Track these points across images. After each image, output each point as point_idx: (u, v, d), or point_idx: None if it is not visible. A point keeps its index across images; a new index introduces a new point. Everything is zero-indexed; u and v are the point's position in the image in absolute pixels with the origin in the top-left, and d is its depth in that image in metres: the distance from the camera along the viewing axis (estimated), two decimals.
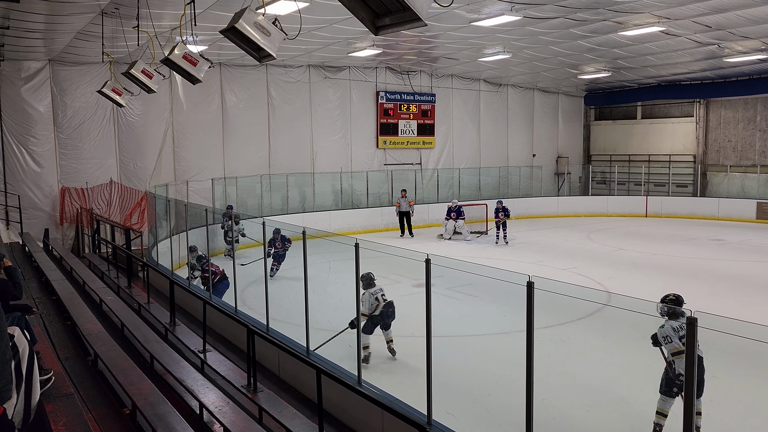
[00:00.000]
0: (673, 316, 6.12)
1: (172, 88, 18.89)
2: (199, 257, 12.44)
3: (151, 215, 15.50)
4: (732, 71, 23.81)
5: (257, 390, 6.89)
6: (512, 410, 6.63)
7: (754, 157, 25.90)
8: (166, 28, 12.79)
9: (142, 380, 6.29)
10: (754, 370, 8.37)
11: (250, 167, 20.79)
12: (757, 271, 15.22)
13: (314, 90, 22.22)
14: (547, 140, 30.00)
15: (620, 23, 16.00)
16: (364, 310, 8.60)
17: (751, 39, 17.87)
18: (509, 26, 16.02)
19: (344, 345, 8.45)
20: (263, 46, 7.09)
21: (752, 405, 7.52)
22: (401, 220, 21.33)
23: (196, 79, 9.30)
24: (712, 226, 23.35)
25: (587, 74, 24.93)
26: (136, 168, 18.59)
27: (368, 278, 8.91)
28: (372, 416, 6.32)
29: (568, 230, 22.39)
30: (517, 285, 5.02)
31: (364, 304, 8.62)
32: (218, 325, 9.91)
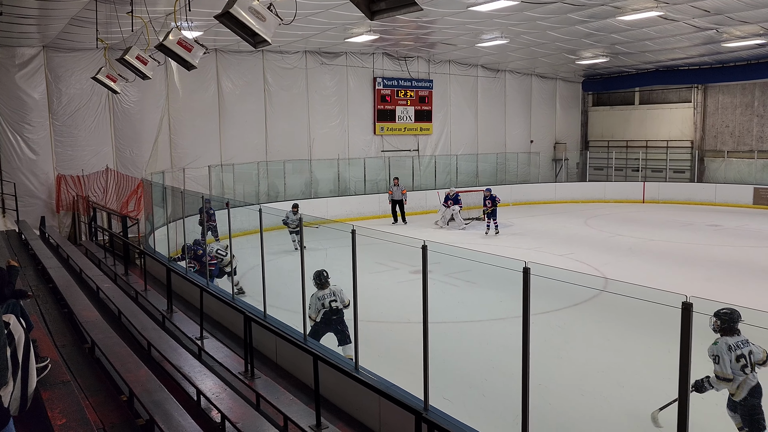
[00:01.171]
0: (728, 332, 5.45)
1: (167, 74, 18.77)
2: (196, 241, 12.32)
3: (148, 203, 15.46)
4: (730, 56, 23.72)
5: (255, 376, 6.91)
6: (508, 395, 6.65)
7: (751, 143, 25.88)
8: (160, 14, 12.65)
9: (139, 367, 6.30)
10: None
11: (247, 154, 20.72)
12: (754, 256, 15.27)
13: (311, 76, 22.09)
14: (545, 126, 29.93)
15: (618, 8, 15.90)
16: (310, 313, 7.93)
17: (750, 24, 17.78)
18: (507, 11, 15.91)
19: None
20: (258, 31, 7.03)
21: None
22: (393, 207, 21.22)
23: (191, 65, 9.23)
24: (709, 211, 23.38)
25: (585, 60, 24.82)
26: (133, 155, 18.51)
27: (320, 277, 7.96)
28: (369, 402, 6.35)
29: (566, 216, 22.40)
30: (514, 271, 5.02)
31: (310, 307, 7.91)
32: (216, 312, 9.92)
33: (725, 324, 5.47)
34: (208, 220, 13.57)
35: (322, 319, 7.99)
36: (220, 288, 10.65)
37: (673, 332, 3.88)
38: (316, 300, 7.95)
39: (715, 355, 5.44)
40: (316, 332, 7.95)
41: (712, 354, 5.46)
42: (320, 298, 7.97)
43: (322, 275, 8.00)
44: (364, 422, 6.53)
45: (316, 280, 7.97)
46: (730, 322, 5.46)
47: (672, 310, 3.91)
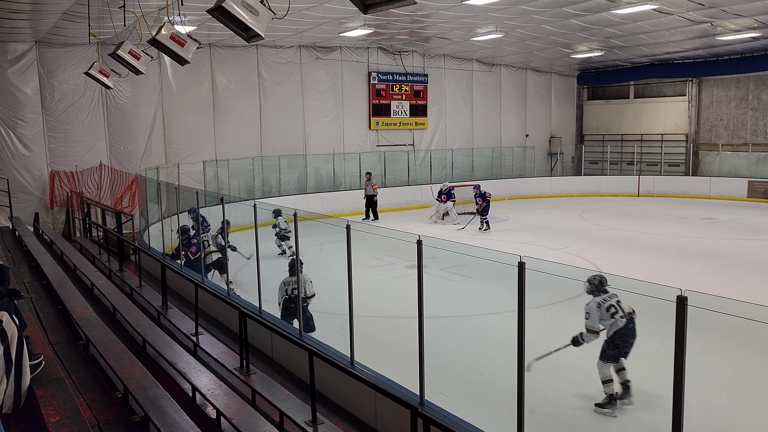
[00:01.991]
0: (597, 293, 6.69)
1: (161, 69, 18.68)
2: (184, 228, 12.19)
3: (142, 198, 15.40)
4: (724, 50, 23.73)
5: (250, 372, 6.90)
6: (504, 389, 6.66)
7: (745, 136, 25.94)
8: (153, 8, 12.57)
9: (134, 364, 6.28)
10: (744, 348, 8.44)
11: (242, 149, 20.65)
12: (749, 249, 15.31)
13: (306, 71, 22.02)
14: (540, 120, 29.93)
15: (613, 1, 15.88)
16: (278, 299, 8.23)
17: (744, 17, 17.78)
18: (502, 5, 15.88)
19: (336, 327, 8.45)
20: (251, 25, 7.00)
21: (740, 382, 7.59)
22: (367, 204, 20.75)
23: (184, 60, 9.18)
24: (704, 204, 23.44)
25: (580, 53, 24.80)
26: (127, 151, 18.44)
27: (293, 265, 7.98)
28: (365, 397, 6.35)
29: (561, 210, 22.43)
30: (509, 265, 5.01)
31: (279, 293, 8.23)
32: (211, 308, 9.90)
33: (594, 288, 6.71)
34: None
35: (283, 306, 8.29)
36: (215, 284, 10.62)
37: (669, 325, 3.88)
38: (282, 285, 8.28)
39: (587, 312, 6.70)
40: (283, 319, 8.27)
41: (585, 311, 6.70)
42: (285, 283, 8.28)
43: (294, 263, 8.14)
44: (360, 417, 6.53)
45: (290, 267, 8.20)
46: (599, 285, 6.76)
47: (667, 303, 3.92)
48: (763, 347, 8.30)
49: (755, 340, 8.30)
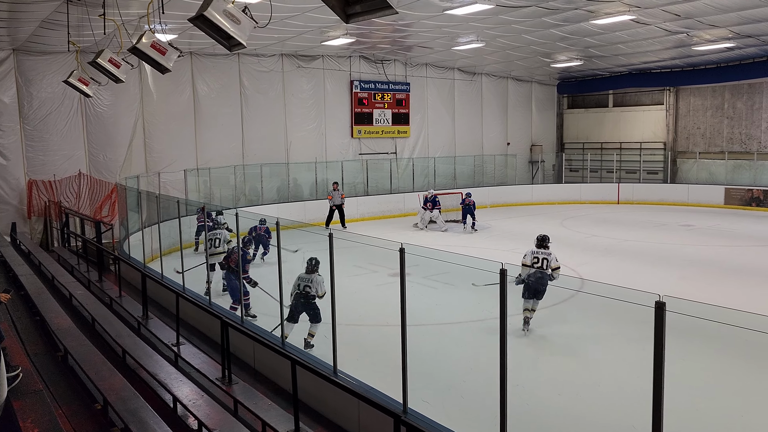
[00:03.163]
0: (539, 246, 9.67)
1: (141, 77, 18.55)
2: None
3: (122, 207, 15.25)
4: (701, 59, 24.18)
5: (232, 382, 6.85)
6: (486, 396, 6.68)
7: (722, 144, 26.40)
8: (133, 17, 12.53)
9: (113, 375, 6.21)
10: (722, 352, 8.56)
11: (224, 158, 20.55)
12: (726, 255, 15.55)
13: (287, 79, 22.01)
14: (521, 129, 30.19)
15: (591, 12, 16.11)
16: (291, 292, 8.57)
17: (719, 27, 18.14)
18: (482, 15, 16.02)
19: (320, 335, 8.43)
20: (233, 34, 6.99)
21: (718, 385, 7.69)
22: (331, 213, 20.42)
23: (165, 69, 9.14)
24: (682, 211, 23.78)
25: (560, 63, 25.11)
26: (106, 159, 18.25)
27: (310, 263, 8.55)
28: (348, 406, 6.33)
29: (543, 218, 22.60)
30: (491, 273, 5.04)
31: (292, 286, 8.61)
32: (192, 318, 9.81)
33: (537, 243, 9.71)
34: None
35: (293, 300, 8.46)
36: (195, 293, 10.53)
37: (648, 330, 3.93)
38: (296, 280, 8.50)
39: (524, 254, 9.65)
40: (291, 314, 8.45)
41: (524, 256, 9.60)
42: (300, 279, 8.50)
43: (311, 261, 8.55)
44: (343, 426, 6.51)
45: (307, 264, 8.55)
46: (542, 241, 9.71)
47: (646, 309, 3.97)
48: (740, 351, 8.43)
49: (733, 344, 8.43)
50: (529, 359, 8.38)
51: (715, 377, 7.95)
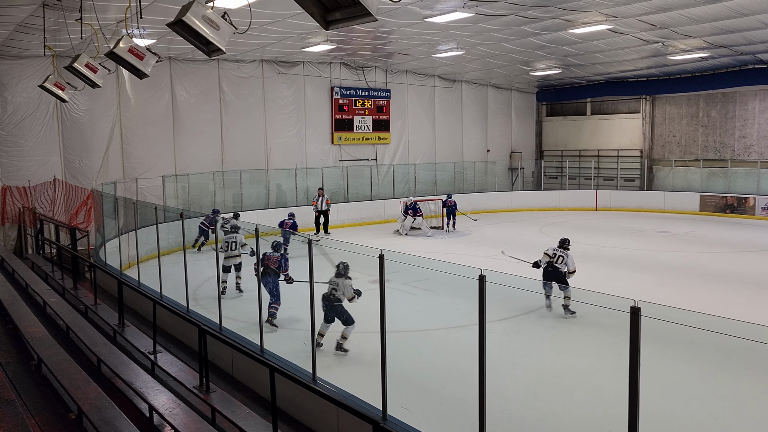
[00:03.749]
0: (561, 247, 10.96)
1: (119, 82, 18.35)
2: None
3: (99, 214, 15.06)
4: (676, 69, 24.62)
5: (210, 390, 6.77)
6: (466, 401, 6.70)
7: (697, 152, 26.86)
8: (111, 21, 12.40)
9: (88, 384, 6.11)
10: (696, 356, 8.68)
11: (203, 164, 20.39)
12: (702, 261, 15.79)
13: (268, 85, 21.94)
14: (501, 136, 30.42)
15: (569, 21, 16.33)
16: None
17: (694, 38, 18.49)
18: (462, 23, 16.15)
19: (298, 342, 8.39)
20: (212, 40, 6.95)
21: (692, 389, 7.79)
22: (318, 219, 20.59)
23: (143, 74, 9.06)
24: (659, 218, 24.12)
25: (539, 71, 25.38)
26: (82, 165, 17.99)
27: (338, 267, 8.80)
28: (327, 413, 6.29)
29: (522, 224, 22.77)
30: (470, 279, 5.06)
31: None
32: (169, 326, 9.70)
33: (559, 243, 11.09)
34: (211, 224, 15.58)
35: (323, 303, 8.63)
36: (172, 300, 10.41)
37: (624, 335, 3.98)
38: (329, 283, 8.70)
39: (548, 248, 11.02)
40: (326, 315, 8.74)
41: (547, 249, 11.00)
42: (330, 283, 8.69)
43: (341, 266, 8.74)
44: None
45: (336, 268, 8.74)
46: (563, 243, 11.11)
47: (622, 314, 4.02)
48: (714, 355, 8.55)
49: (707, 348, 8.55)
50: (508, 365, 8.42)
51: (689, 381, 8.05)
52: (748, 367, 8.22)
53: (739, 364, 8.33)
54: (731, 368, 8.30)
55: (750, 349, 7.75)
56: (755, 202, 23.73)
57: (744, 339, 4.13)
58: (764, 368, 8.08)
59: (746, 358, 8.29)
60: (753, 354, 7.99)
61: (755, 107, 24.86)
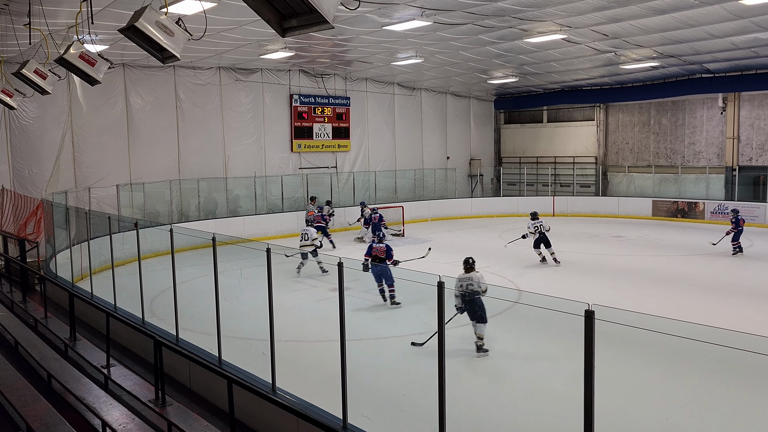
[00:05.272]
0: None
1: (70, 89, 17.87)
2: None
3: (49, 224, 14.59)
4: (628, 77, 25.35)
5: (166, 404, 6.62)
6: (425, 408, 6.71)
7: (649, 158, 27.67)
8: (61, 27, 12.08)
9: (37, 401, 5.91)
10: (649, 358, 8.90)
11: (159, 172, 20.00)
12: (654, 264, 16.24)
13: (225, 93, 21.70)
14: (460, 143, 30.76)
15: (525, 30, 16.65)
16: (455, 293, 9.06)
17: (644, 47, 19.09)
18: (420, 31, 16.30)
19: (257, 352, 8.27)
20: (166, 46, 6.84)
21: (645, 390, 7.98)
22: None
23: (94, 80, 8.84)
24: (613, 223, 24.73)
25: (496, 79, 25.78)
26: (32, 174, 17.42)
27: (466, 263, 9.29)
28: (287, 423, 6.22)
29: (482, 231, 23.03)
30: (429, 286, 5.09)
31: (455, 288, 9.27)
32: (124, 338, 9.45)
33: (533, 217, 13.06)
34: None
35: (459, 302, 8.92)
36: (127, 312, 10.15)
37: (580, 339, 4.04)
38: (456, 282, 9.02)
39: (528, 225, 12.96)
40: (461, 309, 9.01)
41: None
42: (460, 280, 9.04)
43: (469, 261, 9.31)
44: None
45: (464, 264, 9.26)
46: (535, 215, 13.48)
47: (577, 318, 4.08)
48: (666, 356, 8.79)
49: (659, 350, 8.79)
50: (467, 371, 8.48)
51: (642, 382, 8.24)
52: (699, 367, 8.47)
53: (691, 364, 8.58)
54: (683, 369, 8.53)
55: (701, 350, 8.01)
56: (704, 207, 24.55)
57: (694, 340, 4.26)
58: (714, 368, 8.34)
59: (697, 359, 8.55)
60: (704, 354, 8.26)
61: (703, 115, 25.77)
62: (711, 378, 8.24)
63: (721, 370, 8.30)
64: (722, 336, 4.60)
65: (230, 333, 8.56)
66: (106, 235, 11.73)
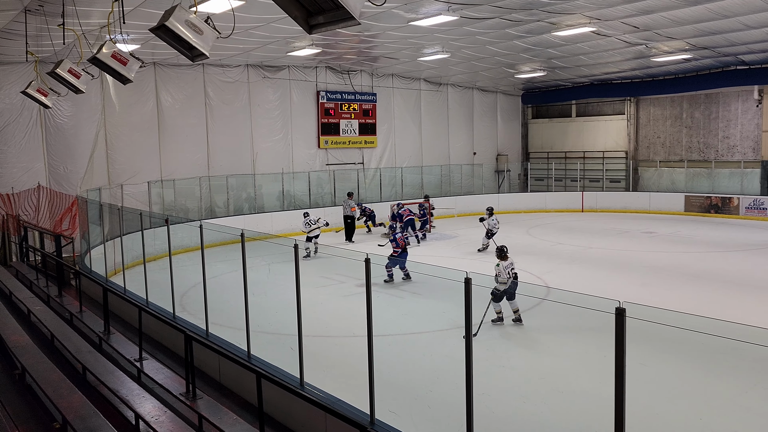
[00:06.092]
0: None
1: (103, 88, 18.23)
2: None
3: (84, 221, 14.91)
4: (659, 70, 24.86)
5: (196, 397, 6.73)
6: (453, 405, 6.71)
7: (681, 153, 27.13)
8: (94, 27, 12.33)
9: (72, 393, 6.05)
10: (680, 356, 8.75)
11: (189, 169, 20.29)
12: (686, 261, 15.93)
13: (253, 90, 21.89)
14: (487, 138, 30.55)
15: (553, 24, 16.44)
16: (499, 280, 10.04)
17: (676, 39, 18.69)
18: (447, 26, 16.22)
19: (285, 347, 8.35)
20: (195, 44, 6.92)
21: (677, 389, 7.85)
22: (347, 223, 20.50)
23: (126, 79, 9.00)
24: (644, 219, 24.31)
25: (524, 74, 25.53)
26: (67, 172, 17.83)
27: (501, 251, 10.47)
28: (315, 418, 6.27)
29: (509, 226, 22.82)
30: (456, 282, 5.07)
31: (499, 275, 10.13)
32: (156, 332, 9.62)
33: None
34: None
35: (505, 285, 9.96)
36: (159, 306, 10.34)
37: (610, 336, 3.99)
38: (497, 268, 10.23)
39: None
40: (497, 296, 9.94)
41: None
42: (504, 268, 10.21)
43: (503, 249, 10.56)
44: None
45: (501, 252, 10.47)
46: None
47: (607, 315, 4.03)
48: (698, 355, 8.63)
49: (691, 348, 8.63)
50: (495, 367, 8.43)
51: (674, 381, 8.11)
52: (734, 367, 8.30)
53: (724, 363, 8.41)
54: (716, 367, 8.37)
55: (735, 348, 7.85)
56: (739, 202, 23.99)
57: (728, 339, 4.17)
58: (750, 368, 8.16)
59: (731, 358, 8.38)
60: (739, 354, 8.09)
61: (738, 108, 25.16)
62: (746, 378, 8.06)
63: (756, 370, 8.12)
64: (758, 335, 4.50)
65: (259, 328, 8.65)
66: (138, 231, 11.95)
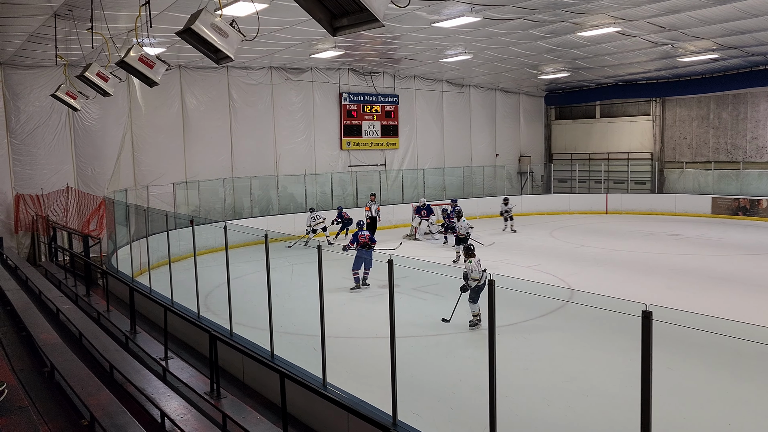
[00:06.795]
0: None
1: (130, 91, 18.52)
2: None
3: (111, 221, 15.17)
4: (686, 71, 24.48)
5: (221, 396, 6.80)
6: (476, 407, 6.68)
7: (708, 154, 26.68)
8: (121, 30, 12.53)
9: (100, 390, 6.15)
10: (708, 360, 8.60)
11: (213, 171, 20.52)
12: (713, 264, 15.66)
13: (276, 92, 22.06)
14: (510, 140, 30.38)
15: (577, 24, 16.30)
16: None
17: (703, 39, 18.40)
18: (470, 27, 16.17)
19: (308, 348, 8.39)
20: (221, 47, 7.01)
21: (705, 394, 7.72)
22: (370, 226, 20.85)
23: (153, 82, 9.14)
24: (670, 221, 23.95)
25: (547, 74, 25.33)
26: (94, 173, 18.16)
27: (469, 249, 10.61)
28: (337, 419, 6.30)
29: (532, 228, 22.68)
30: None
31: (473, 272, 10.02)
32: (180, 332, 9.75)
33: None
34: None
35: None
36: (183, 306, 10.47)
37: (636, 340, 3.95)
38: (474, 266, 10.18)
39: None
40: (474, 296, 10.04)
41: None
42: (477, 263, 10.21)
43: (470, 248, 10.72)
44: None
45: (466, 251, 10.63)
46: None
47: (633, 318, 3.99)
48: (726, 359, 8.48)
49: (719, 352, 8.48)
50: (519, 370, 8.38)
51: (701, 386, 7.98)
52: (761, 370, 8.14)
53: (753, 368, 8.25)
54: (744, 372, 8.22)
55: (764, 353, 7.69)
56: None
57: (757, 342, 4.10)
58: None
59: (759, 362, 8.21)
60: (766, 357, 7.93)
61: (767, 108, 24.67)
62: None
63: None
64: None
65: (282, 328, 8.71)
66: (164, 231, 12.12)
